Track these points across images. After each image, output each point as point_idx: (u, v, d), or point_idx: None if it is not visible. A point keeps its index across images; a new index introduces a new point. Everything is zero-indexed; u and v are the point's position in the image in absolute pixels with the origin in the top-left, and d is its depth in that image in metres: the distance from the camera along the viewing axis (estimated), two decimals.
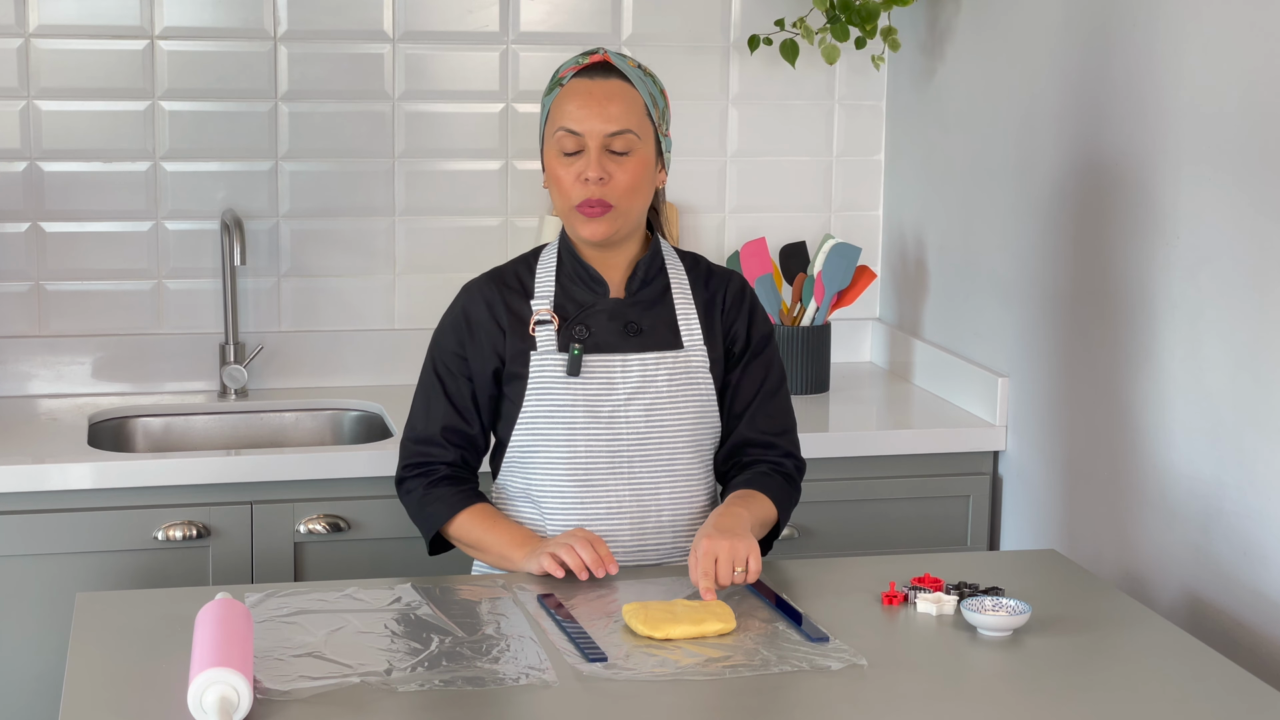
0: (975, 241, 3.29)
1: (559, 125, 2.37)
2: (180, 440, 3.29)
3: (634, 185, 2.37)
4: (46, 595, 2.84)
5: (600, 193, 2.36)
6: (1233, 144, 2.48)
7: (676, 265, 2.50)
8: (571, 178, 2.37)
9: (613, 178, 2.36)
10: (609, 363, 2.41)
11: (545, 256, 2.49)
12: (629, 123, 2.36)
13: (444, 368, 2.46)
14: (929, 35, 3.45)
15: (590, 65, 2.39)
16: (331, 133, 3.42)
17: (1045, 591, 2.34)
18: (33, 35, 3.27)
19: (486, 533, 2.42)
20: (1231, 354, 2.50)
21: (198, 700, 1.84)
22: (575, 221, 2.39)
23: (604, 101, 2.36)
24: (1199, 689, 2.05)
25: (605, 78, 2.38)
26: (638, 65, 2.42)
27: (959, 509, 3.20)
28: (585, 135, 2.35)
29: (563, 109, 2.38)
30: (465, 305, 2.47)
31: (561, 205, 2.40)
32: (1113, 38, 2.78)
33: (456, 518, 2.43)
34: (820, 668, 2.05)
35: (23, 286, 3.34)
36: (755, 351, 2.49)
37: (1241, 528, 2.49)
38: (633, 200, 2.38)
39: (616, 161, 2.36)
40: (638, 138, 2.37)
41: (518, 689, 1.97)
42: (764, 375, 2.49)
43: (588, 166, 2.35)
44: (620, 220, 2.39)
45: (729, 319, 2.49)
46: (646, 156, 2.39)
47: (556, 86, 2.41)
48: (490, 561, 2.44)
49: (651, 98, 2.40)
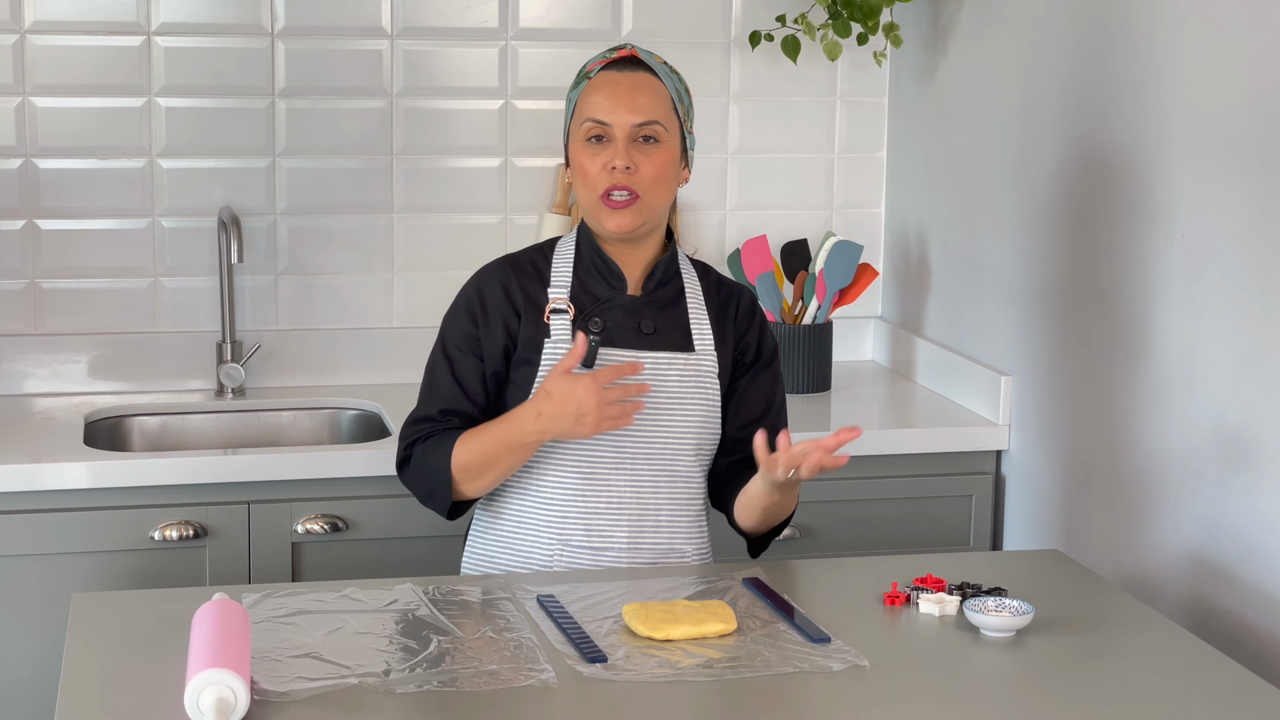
0: (978, 239, 3.28)
1: (586, 116, 2.39)
2: (177, 439, 3.28)
3: (660, 176, 2.38)
4: (42, 596, 2.83)
5: (627, 181, 2.36)
6: (1236, 140, 2.47)
7: (690, 272, 2.51)
8: (598, 167, 2.37)
9: (639, 168, 2.37)
10: (621, 359, 2.41)
11: (562, 247, 2.48)
12: (656, 114, 2.38)
13: (454, 348, 2.44)
14: (931, 31, 3.45)
15: (618, 59, 2.41)
16: (329, 129, 3.41)
17: (1048, 592, 2.34)
18: (28, 31, 3.26)
19: (482, 436, 2.35)
20: (1236, 352, 2.49)
21: (194, 701, 1.84)
22: (600, 214, 2.39)
23: (632, 93, 2.37)
24: (1203, 690, 2.04)
25: (633, 70, 2.40)
26: (664, 61, 2.44)
27: (961, 508, 3.19)
28: (613, 125, 2.37)
29: (590, 100, 2.39)
30: (480, 285, 2.46)
31: (586, 197, 2.40)
32: (1116, 33, 2.77)
33: (455, 447, 2.38)
34: (821, 669, 2.05)
35: (18, 284, 3.33)
36: (765, 364, 2.51)
37: (1246, 528, 2.48)
38: (658, 192, 2.39)
39: (643, 152, 2.37)
40: (664, 129, 2.38)
41: (517, 690, 1.97)
42: (773, 390, 2.52)
43: (614, 156, 2.36)
44: (645, 213, 2.39)
45: (741, 329, 2.50)
46: (672, 150, 2.40)
47: (583, 80, 2.42)
48: (507, 463, 2.36)
49: (678, 93, 2.42)
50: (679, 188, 2.47)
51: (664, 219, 2.46)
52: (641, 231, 2.42)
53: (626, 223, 2.38)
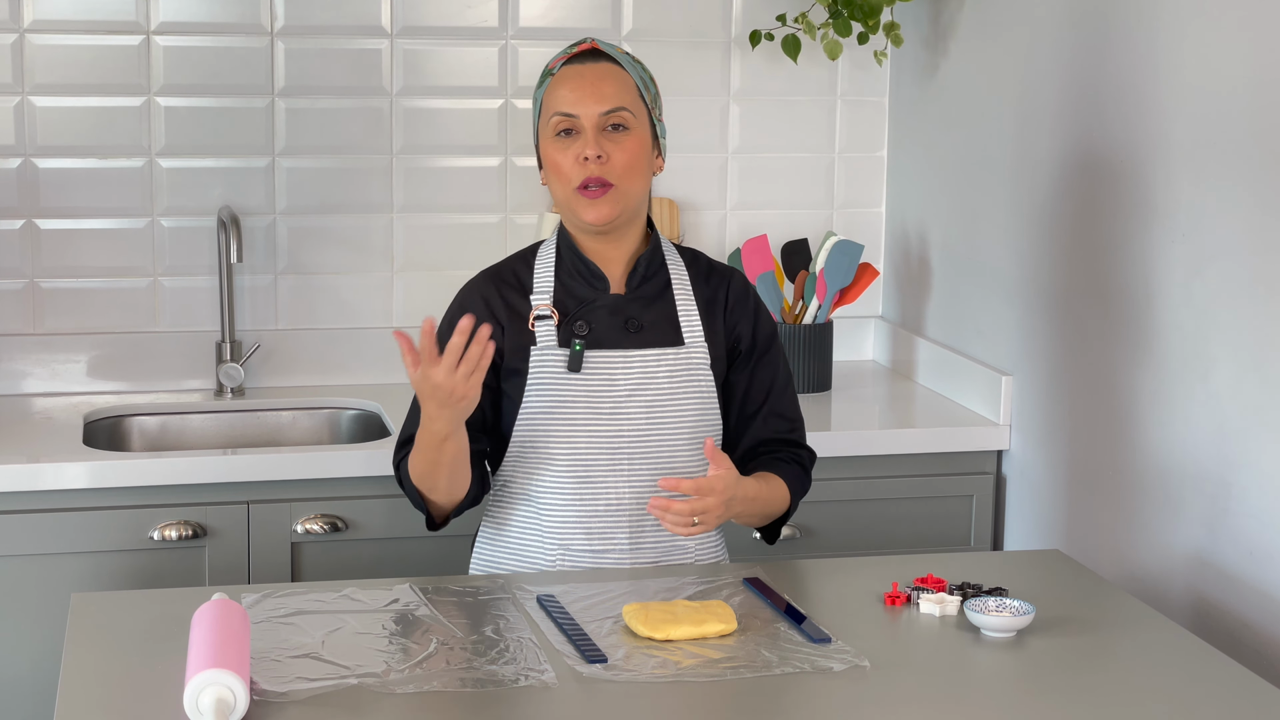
0: (979, 238, 3.28)
1: (553, 111, 2.37)
2: (176, 439, 3.28)
3: (632, 164, 2.37)
4: (41, 596, 2.83)
5: (600, 171, 2.35)
6: (1239, 140, 2.47)
7: (676, 261, 2.49)
8: (570, 160, 2.36)
9: (611, 157, 2.35)
10: (609, 359, 2.40)
11: (543, 252, 2.47)
12: (623, 100, 2.37)
13: None
14: (932, 30, 3.44)
15: (580, 53, 2.40)
16: (329, 129, 3.41)
17: (1049, 592, 2.33)
18: (27, 30, 3.25)
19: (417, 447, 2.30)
20: (1237, 352, 2.49)
21: (194, 702, 1.83)
22: (577, 207, 2.38)
23: (596, 83, 2.36)
24: (1204, 691, 2.04)
25: (595, 62, 2.39)
26: (627, 52, 2.44)
27: (962, 508, 3.18)
28: (581, 117, 2.35)
29: (556, 95, 2.38)
30: (463, 302, 2.46)
31: (561, 192, 2.39)
32: (1118, 32, 2.77)
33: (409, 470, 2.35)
34: (822, 669, 2.04)
35: (17, 284, 3.33)
36: (762, 351, 2.49)
37: (1247, 528, 2.47)
38: (632, 180, 2.38)
39: (614, 140, 2.36)
40: (633, 115, 2.37)
41: (516, 691, 1.96)
42: (773, 375, 2.49)
43: (585, 146, 2.35)
44: (621, 202, 2.37)
45: (732, 318, 2.48)
46: (643, 137, 2.39)
47: (547, 78, 2.42)
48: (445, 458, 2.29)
49: (643, 80, 2.41)
50: (654, 176, 2.45)
51: (642, 209, 2.45)
52: (620, 221, 2.40)
53: (604, 213, 2.37)
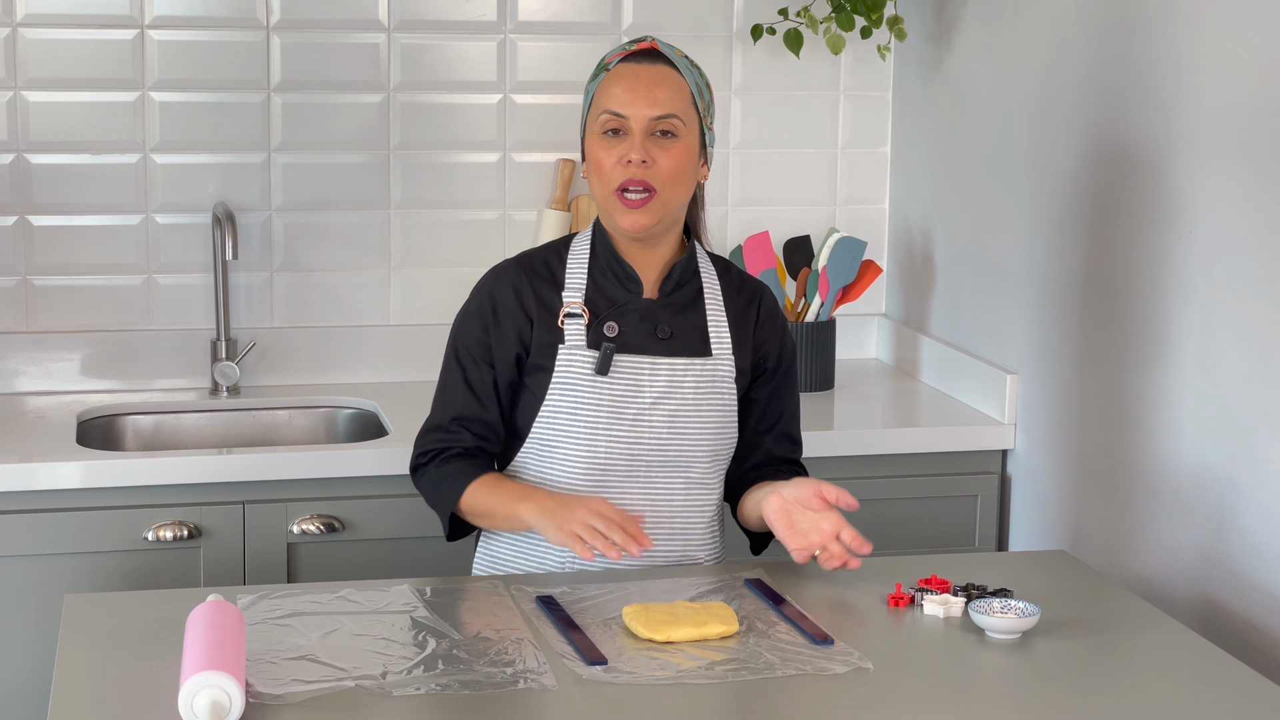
0: (983, 236, 3.27)
1: (603, 108, 2.35)
2: (171, 439, 3.26)
3: (677, 171, 2.34)
4: (34, 597, 2.82)
5: (643, 175, 2.32)
6: (1248, 137, 2.46)
7: (709, 271, 2.47)
8: (613, 161, 2.34)
9: (656, 162, 2.33)
10: (637, 364, 2.38)
11: (577, 246, 2.45)
12: (675, 108, 2.34)
13: (466, 354, 2.42)
14: (936, 25, 3.43)
15: (638, 51, 2.38)
16: (325, 124, 3.39)
17: (1055, 593, 2.33)
18: (20, 25, 3.24)
19: (494, 494, 2.36)
20: (1246, 351, 2.48)
21: (189, 704, 1.83)
22: (615, 211, 2.36)
23: (650, 86, 2.34)
24: (1211, 692, 2.04)
25: (652, 63, 2.37)
26: (685, 56, 2.41)
27: (967, 509, 3.17)
28: (630, 119, 2.33)
29: (608, 92, 2.35)
30: (492, 290, 2.43)
31: (601, 191, 2.37)
32: (1126, 27, 2.76)
33: (469, 488, 2.38)
34: (824, 671, 2.03)
35: (10, 281, 3.31)
36: (785, 371, 2.50)
37: (1255, 528, 2.47)
38: (675, 188, 2.35)
39: (660, 146, 2.34)
40: (683, 123, 2.35)
41: (516, 692, 1.96)
42: (790, 397, 2.51)
43: (631, 149, 2.32)
44: (661, 210, 2.35)
45: (761, 335, 2.47)
46: (691, 145, 2.36)
47: (602, 72, 2.39)
48: (500, 526, 2.38)
49: (698, 87, 2.39)
50: (697, 185, 2.43)
51: (681, 217, 2.42)
52: (657, 230, 2.38)
53: (642, 222, 2.34)
